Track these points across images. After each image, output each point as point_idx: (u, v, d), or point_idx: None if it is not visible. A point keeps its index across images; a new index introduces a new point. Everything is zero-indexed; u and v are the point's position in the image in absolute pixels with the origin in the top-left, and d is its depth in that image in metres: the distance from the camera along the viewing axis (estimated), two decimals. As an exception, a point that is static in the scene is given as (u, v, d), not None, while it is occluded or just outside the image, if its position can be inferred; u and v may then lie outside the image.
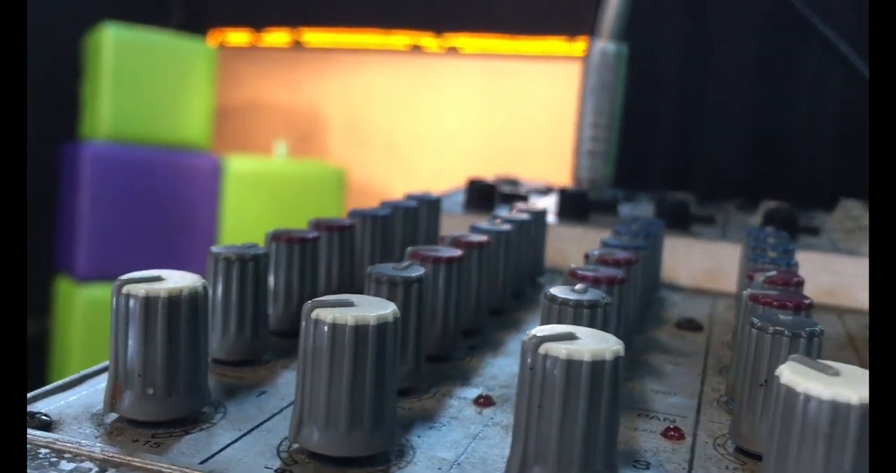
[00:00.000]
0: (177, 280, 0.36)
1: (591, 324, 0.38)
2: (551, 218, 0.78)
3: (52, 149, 2.59)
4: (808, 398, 0.27)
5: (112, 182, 2.53)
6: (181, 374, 0.36)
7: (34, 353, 2.23)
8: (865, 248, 0.69)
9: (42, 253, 2.39)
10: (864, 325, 0.62)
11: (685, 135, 1.23)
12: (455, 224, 0.74)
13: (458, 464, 0.34)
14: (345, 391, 0.32)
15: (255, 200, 2.66)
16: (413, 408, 0.40)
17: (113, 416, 0.36)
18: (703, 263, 0.70)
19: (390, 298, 0.40)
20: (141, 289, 0.35)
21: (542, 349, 0.30)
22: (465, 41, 2.93)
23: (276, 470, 0.32)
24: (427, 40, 3.00)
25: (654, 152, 1.23)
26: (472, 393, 0.42)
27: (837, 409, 0.27)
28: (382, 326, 0.33)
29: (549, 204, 0.85)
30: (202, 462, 0.33)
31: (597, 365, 0.30)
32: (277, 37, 3.05)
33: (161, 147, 2.69)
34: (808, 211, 0.98)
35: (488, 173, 1.10)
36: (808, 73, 1.16)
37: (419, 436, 0.36)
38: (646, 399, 0.43)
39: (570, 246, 0.62)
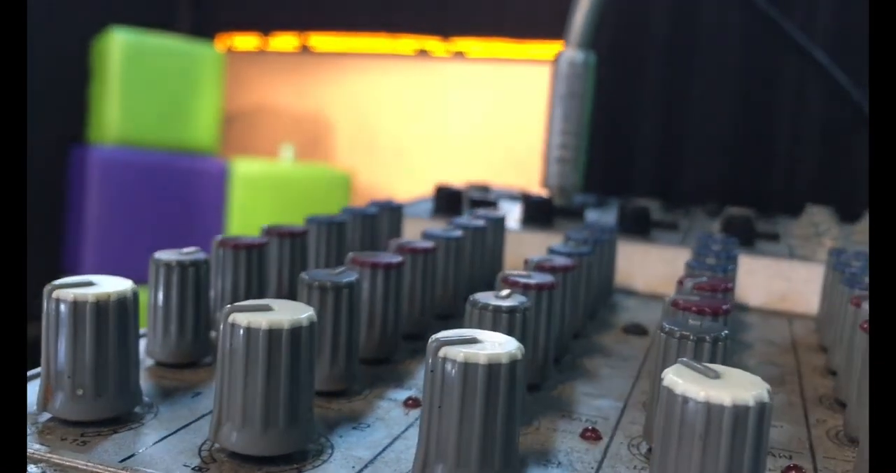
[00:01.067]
0: (106, 285, 0.37)
1: (510, 329, 0.39)
2: (515, 224, 0.79)
3: (59, 152, 2.62)
4: (685, 399, 0.28)
5: (120, 186, 2.55)
6: (110, 376, 0.37)
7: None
8: (821, 254, 0.70)
9: (49, 256, 2.42)
10: (812, 330, 0.62)
11: (666, 142, 1.24)
12: (419, 230, 0.75)
13: (373, 463, 0.35)
14: (259, 392, 0.34)
15: (262, 204, 2.68)
16: (342, 410, 0.41)
17: (46, 416, 0.37)
18: (660, 269, 0.71)
19: (322, 303, 0.41)
20: (70, 294, 0.36)
21: (442, 352, 0.32)
22: (473, 45, 2.94)
23: (193, 468, 0.33)
24: (434, 44, 3.02)
25: (636, 159, 1.24)
26: (402, 394, 0.43)
27: (711, 410, 0.28)
28: (297, 330, 0.34)
29: (515, 210, 0.86)
30: (122, 460, 0.34)
31: (493, 368, 0.31)
32: (285, 41, 3.06)
33: (169, 151, 2.71)
34: (773, 218, 0.99)
35: (494, 178, 1.11)
36: (788, 82, 1.16)
37: (341, 436, 0.38)
38: (573, 402, 0.44)
39: (533, 252, 0.63)
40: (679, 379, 0.29)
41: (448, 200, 0.82)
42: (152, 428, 0.37)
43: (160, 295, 0.45)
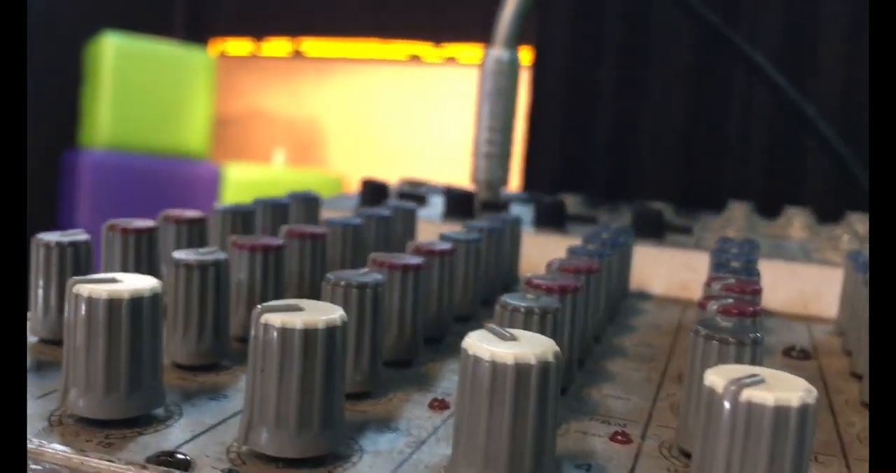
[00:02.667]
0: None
1: (361, 305, 0.41)
2: (437, 216, 0.81)
3: (52, 156, 2.61)
4: (476, 359, 0.31)
5: (111, 190, 2.55)
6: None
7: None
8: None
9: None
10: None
11: (616, 142, 1.25)
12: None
13: (214, 428, 0.37)
14: (101, 357, 0.35)
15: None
16: (206, 383, 0.42)
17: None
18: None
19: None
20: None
21: (263, 318, 0.33)
22: (464, 51, 2.94)
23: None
24: (426, 50, 3.02)
25: (589, 157, 1.25)
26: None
27: (496, 369, 0.30)
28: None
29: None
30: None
31: (309, 333, 0.33)
32: (277, 46, 3.06)
33: (161, 155, 2.71)
34: (695, 213, 1.02)
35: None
36: (737, 82, 1.18)
37: (194, 406, 0.39)
38: (436, 377, 0.45)
39: None
40: (477, 342, 0.31)
41: (373, 194, 0.83)
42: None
43: (41, 275, 0.45)
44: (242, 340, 0.49)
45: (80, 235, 0.47)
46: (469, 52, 2.92)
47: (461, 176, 1.08)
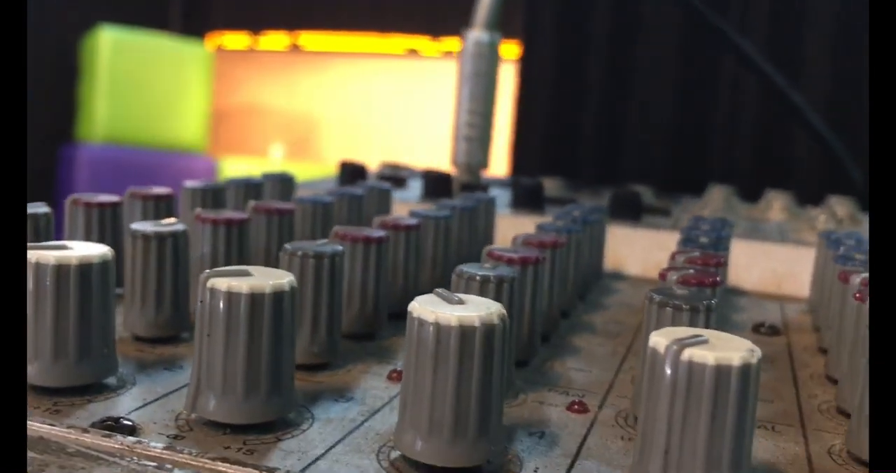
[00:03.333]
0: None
1: (317, 275, 0.41)
2: (414, 198, 0.82)
3: (48, 150, 2.60)
4: (421, 322, 0.30)
5: (108, 183, 2.54)
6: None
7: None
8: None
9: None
10: None
11: (606, 129, 1.25)
12: None
13: (166, 397, 0.37)
14: (48, 326, 0.35)
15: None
16: (163, 354, 0.42)
17: None
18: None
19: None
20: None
21: (210, 283, 0.33)
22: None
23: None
24: (424, 44, 3.01)
25: (577, 143, 1.25)
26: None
27: (440, 331, 0.30)
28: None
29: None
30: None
31: (256, 298, 0.33)
32: (275, 40, 3.06)
33: (157, 149, 2.70)
34: (676, 196, 1.02)
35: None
36: (725, 69, 1.18)
37: (149, 376, 0.39)
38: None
39: None
40: (421, 306, 0.31)
41: (352, 176, 0.83)
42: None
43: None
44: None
45: (40, 207, 0.47)
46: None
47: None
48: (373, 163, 2.75)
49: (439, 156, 2.75)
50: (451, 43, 2.95)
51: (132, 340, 0.44)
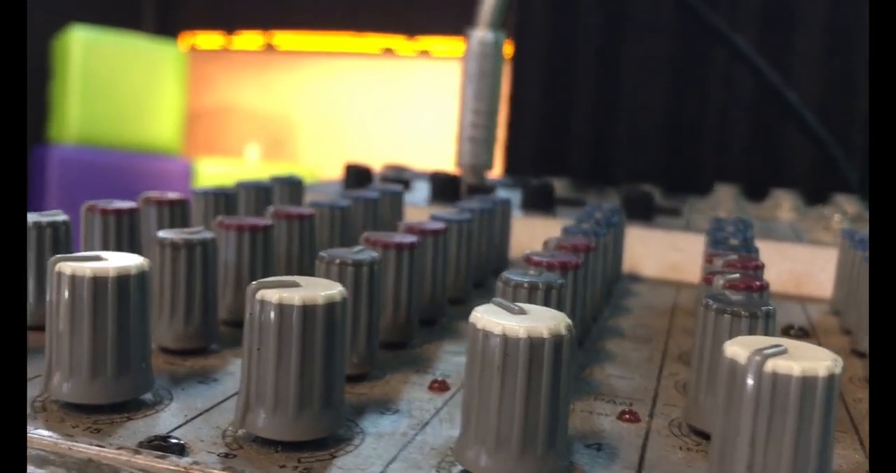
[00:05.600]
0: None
1: (357, 283, 0.39)
2: (422, 200, 0.80)
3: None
4: (486, 334, 0.29)
5: (81, 185, 2.51)
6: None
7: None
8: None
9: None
10: (694, 297, 0.63)
11: (597, 127, 1.25)
12: None
13: (208, 412, 0.35)
14: (86, 341, 0.34)
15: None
16: (194, 367, 0.41)
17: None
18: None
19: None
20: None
21: (259, 295, 0.32)
22: (438, 43, 2.92)
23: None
24: (399, 43, 3.00)
25: (567, 144, 1.25)
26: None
27: (508, 343, 0.29)
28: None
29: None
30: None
31: (308, 309, 0.31)
32: (249, 39, 3.03)
33: (131, 150, 2.67)
34: (682, 195, 1.02)
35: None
36: (717, 67, 1.18)
37: (184, 390, 0.38)
38: (433, 359, 0.44)
39: None
40: (484, 316, 0.30)
41: (357, 178, 0.82)
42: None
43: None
44: (230, 324, 0.47)
45: (58, 216, 0.45)
46: (442, 45, 2.90)
47: (436, 167, 1.07)
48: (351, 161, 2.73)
49: (416, 155, 2.74)
50: (427, 42, 2.94)
51: (160, 352, 0.42)
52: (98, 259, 0.35)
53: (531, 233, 0.71)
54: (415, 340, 0.47)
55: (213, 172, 2.68)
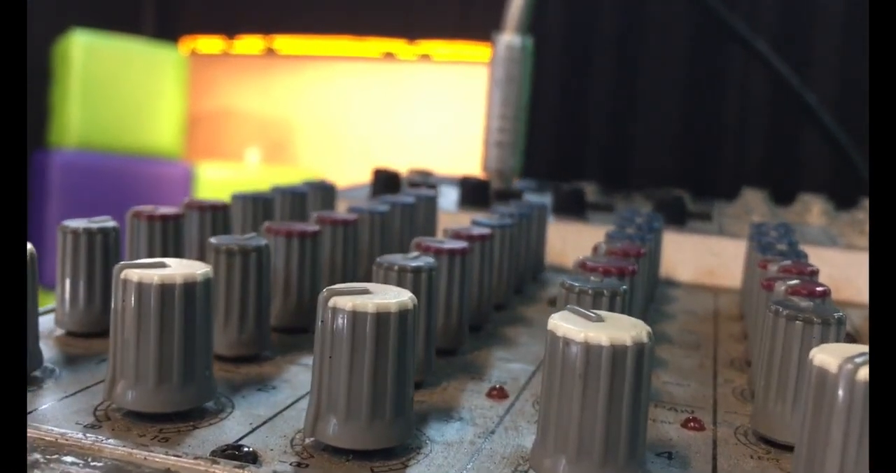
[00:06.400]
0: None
1: (415, 290, 0.38)
2: (452, 205, 0.80)
3: (20, 156, 2.55)
4: (566, 341, 0.29)
5: (81, 190, 2.50)
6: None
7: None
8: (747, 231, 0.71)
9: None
10: (735, 302, 0.63)
11: (614, 130, 1.25)
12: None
13: (272, 420, 0.35)
14: (152, 348, 0.34)
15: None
16: (250, 374, 0.41)
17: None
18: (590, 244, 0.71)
19: (229, 267, 0.41)
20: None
21: (332, 302, 0.31)
22: (438, 47, 2.92)
23: (86, 426, 0.33)
24: (400, 47, 3.00)
25: (584, 147, 1.25)
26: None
27: (590, 350, 0.28)
28: (190, 286, 0.34)
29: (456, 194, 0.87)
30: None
31: (381, 317, 0.31)
32: (250, 44, 3.03)
33: (131, 155, 2.66)
34: (710, 200, 1.01)
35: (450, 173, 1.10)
36: (733, 72, 1.18)
37: (244, 397, 0.37)
38: (486, 365, 0.44)
39: None
40: (563, 323, 0.29)
41: (386, 183, 0.81)
42: (51, 391, 0.36)
43: (68, 264, 0.44)
44: (277, 330, 0.47)
45: (107, 222, 0.45)
46: (442, 49, 2.90)
47: (438, 171, 1.07)
48: (349, 168, 2.72)
49: (417, 159, 2.73)
50: (427, 46, 2.94)
51: (214, 360, 0.42)
52: (162, 265, 0.35)
53: (564, 238, 0.71)
54: (464, 347, 0.46)
55: (214, 176, 2.67)
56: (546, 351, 0.30)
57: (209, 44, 3.04)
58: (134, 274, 0.33)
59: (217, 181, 2.66)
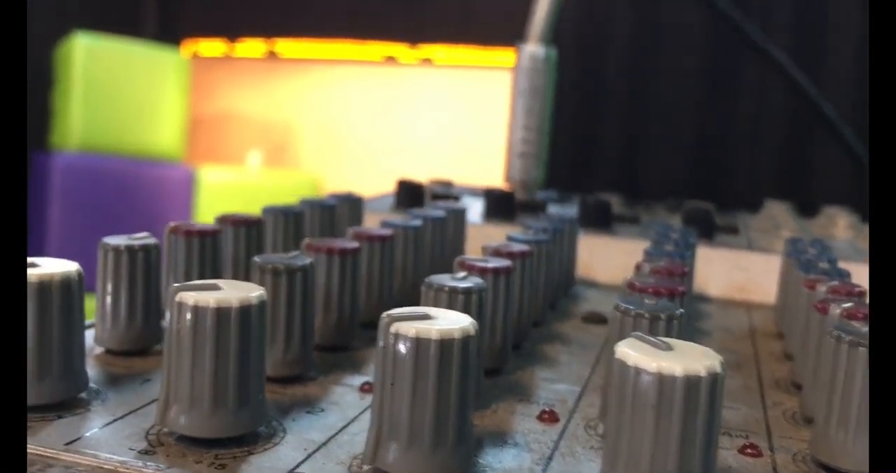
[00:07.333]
0: (51, 266, 0.36)
1: (466, 311, 0.37)
2: (477, 217, 0.79)
3: (21, 159, 2.54)
4: (637, 371, 0.28)
5: (83, 192, 2.49)
6: (54, 360, 0.36)
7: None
8: (779, 246, 0.71)
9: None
10: (769, 319, 0.63)
11: (627, 140, 1.24)
12: (378, 222, 0.73)
13: (325, 445, 0.34)
14: (208, 372, 0.33)
15: (229, 211, 2.63)
16: (296, 394, 0.40)
17: None
18: (622, 260, 0.71)
19: (275, 286, 0.41)
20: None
21: (394, 328, 0.31)
22: (439, 52, 2.91)
23: (139, 451, 0.32)
24: (402, 51, 2.99)
25: (597, 157, 1.24)
26: (358, 380, 0.42)
27: (663, 381, 0.28)
28: (246, 309, 0.33)
29: (477, 204, 0.86)
30: (67, 444, 0.33)
31: (445, 344, 0.30)
32: (251, 47, 3.02)
33: (133, 157, 2.65)
34: (733, 212, 1.00)
35: (462, 182, 1.09)
36: (748, 81, 1.17)
37: (294, 420, 0.37)
38: (531, 386, 0.44)
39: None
40: (631, 352, 0.29)
41: (409, 194, 0.81)
42: (98, 414, 0.36)
43: (109, 282, 0.43)
44: (319, 348, 0.46)
45: (148, 239, 0.44)
46: (444, 53, 2.90)
47: (438, 175, 1.06)
48: (351, 171, 2.71)
49: (417, 163, 2.73)
50: (429, 50, 2.93)
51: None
52: (216, 288, 0.34)
53: (591, 251, 0.70)
54: (508, 365, 0.46)
55: (216, 179, 2.66)
56: (614, 379, 0.29)
57: (211, 47, 3.03)
58: (190, 298, 0.33)
59: (219, 184, 2.65)
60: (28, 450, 0.31)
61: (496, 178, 1.29)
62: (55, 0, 2.66)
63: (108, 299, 0.43)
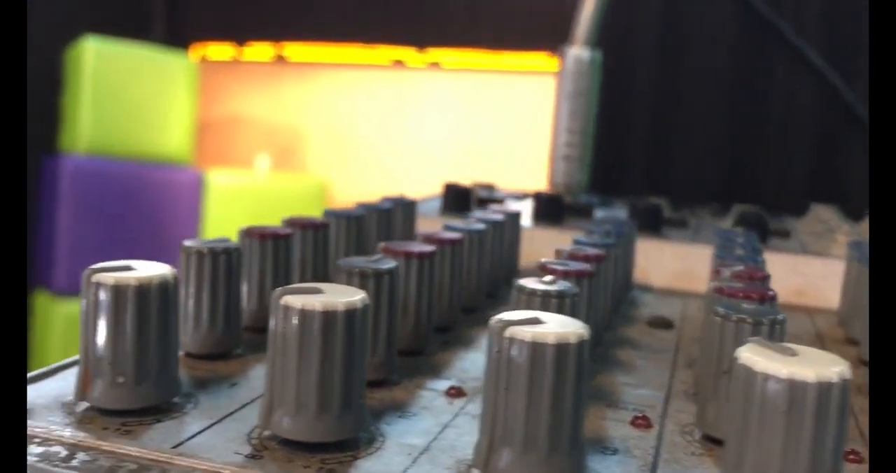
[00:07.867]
0: (147, 269, 0.36)
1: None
2: (527, 221, 0.78)
3: (31, 162, 2.54)
4: (766, 377, 0.28)
5: (91, 196, 2.48)
6: (151, 363, 0.36)
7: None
8: (835, 250, 0.71)
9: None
10: (833, 324, 0.62)
11: (661, 142, 1.24)
12: (430, 226, 0.73)
13: (428, 450, 0.34)
14: (314, 376, 0.32)
15: (237, 214, 2.63)
16: (384, 399, 0.40)
17: (84, 405, 0.36)
18: (675, 265, 0.71)
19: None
20: (110, 278, 0.35)
21: (508, 332, 0.30)
22: (448, 55, 2.91)
23: (246, 456, 0.32)
24: (410, 55, 2.99)
25: (630, 159, 1.24)
26: (442, 384, 0.42)
27: (794, 387, 0.28)
28: (351, 313, 0.33)
29: (524, 208, 0.85)
30: (173, 447, 0.32)
31: (561, 348, 0.30)
32: (260, 51, 3.01)
33: (142, 161, 2.65)
34: (779, 216, 1.00)
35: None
36: (781, 82, 1.17)
37: (388, 424, 0.37)
38: (615, 391, 0.43)
39: (545, 248, 0.61)
40: (758, 358, 0.29)
41: (457, 198, 0.81)
42: (195, 418, 0.36)
43: (192, 285, 0.43)
44: (400, 353, 0.46)
45: (228, 242, 0.44)
46: (453, 57, 2.90)
47: (446, 179, 1.05)
48: (359, 174, 2.71)
49: (425, 167, 2.73)
50: (437, 54, 2.93)
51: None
52: (318, 291, 0.34)
53: (646, 256, 0.70)
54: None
55: (224, 183, 2.66)
56: (737, 386, 0.29)
57: (219, 51, 3.02)
58: (297, 301, 0.32)
59: (227, 187, 2.65)
60: (135, 454, 0.31)
61: (505, 181, 1.28)
62: (64, 4, 2.66)
63: (191, 302, 0.43)
